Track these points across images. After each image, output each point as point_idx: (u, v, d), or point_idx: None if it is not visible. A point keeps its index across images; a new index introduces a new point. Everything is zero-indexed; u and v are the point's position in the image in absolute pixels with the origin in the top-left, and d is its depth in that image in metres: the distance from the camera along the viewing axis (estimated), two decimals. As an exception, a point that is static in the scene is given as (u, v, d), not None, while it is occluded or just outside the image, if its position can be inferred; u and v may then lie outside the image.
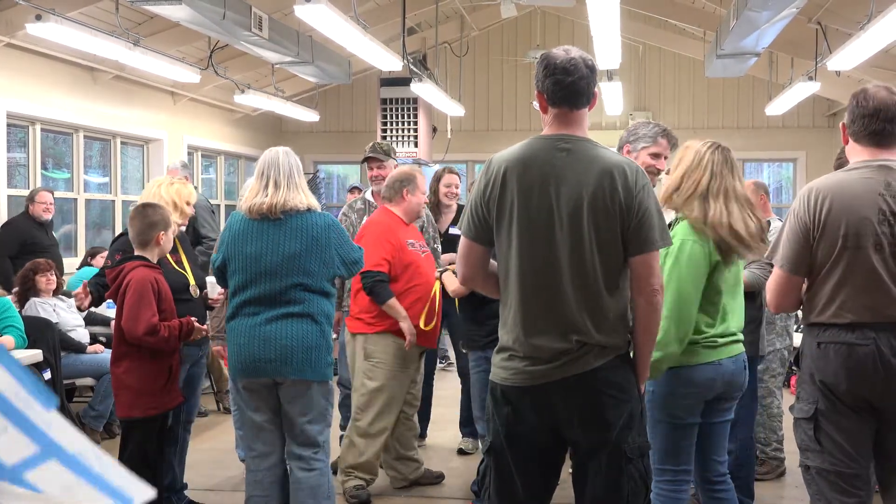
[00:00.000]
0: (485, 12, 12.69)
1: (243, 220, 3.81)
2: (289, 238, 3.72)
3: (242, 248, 3.76)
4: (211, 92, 11.30)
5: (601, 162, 2.67)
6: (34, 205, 7.45)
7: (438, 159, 13.28)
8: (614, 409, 2.66)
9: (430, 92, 10.20)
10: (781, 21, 6.87)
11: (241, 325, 3.76)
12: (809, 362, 2.90)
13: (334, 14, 6.50)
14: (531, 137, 2.79)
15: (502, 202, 2.70)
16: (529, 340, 2.67)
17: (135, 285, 3.98)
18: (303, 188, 3.83)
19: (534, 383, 2.67)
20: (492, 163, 2.77)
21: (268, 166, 3.82)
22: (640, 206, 2.65)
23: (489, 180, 2.73)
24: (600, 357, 2.65)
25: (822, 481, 2.88)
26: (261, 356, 3.70)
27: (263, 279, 3.72)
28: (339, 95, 13.93)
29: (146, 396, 4.04)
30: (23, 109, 8.44)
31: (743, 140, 13.05)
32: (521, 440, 2.75)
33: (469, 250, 2.81)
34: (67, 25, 6.75)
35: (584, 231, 2.63)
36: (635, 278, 2.70)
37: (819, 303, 2.86)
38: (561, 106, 2.72)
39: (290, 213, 3.74)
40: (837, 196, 2.82)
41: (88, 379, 6.21)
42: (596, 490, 2.72)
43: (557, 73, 2.69)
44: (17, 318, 5.51)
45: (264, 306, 3.72)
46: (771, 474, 5.29)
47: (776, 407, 5.31)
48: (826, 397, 2.85)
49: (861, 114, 2.87)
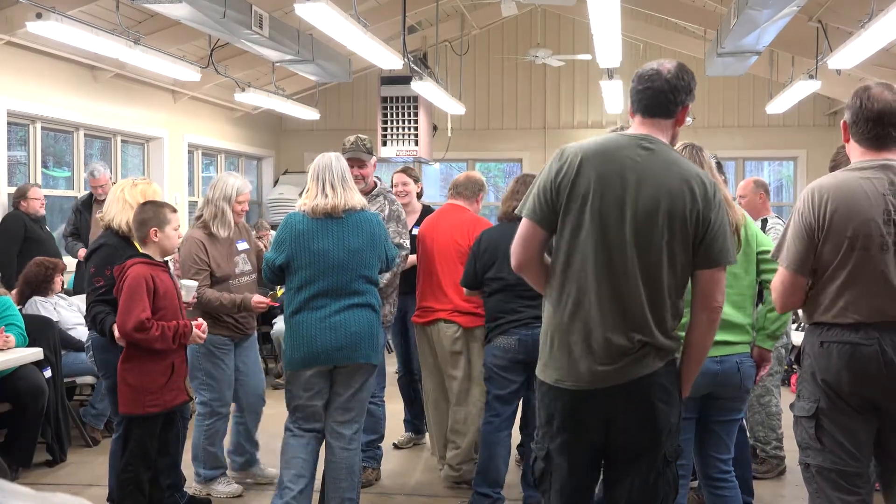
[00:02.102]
0: (485, 11, 12.68)
1: (305, 219, 4.11)
2: (352, 234, 4.09)
3: (309, 245, 4.06)
4: (211, 90, 11.30)
5: (683, 168, 2.70)
6: (28, 201, 7.44)
7: (439, 158, 13.28)
8: (666, 416, 2.69)
9: (431, 90, 10.20)
10: (782, 19, 6.86)
11: (309, 318, 4.05)
12: (812, 361, 2.89)
13: (335, 12, 6.50)
14: (610, 134, 2.83)
15: (574, 189, 2.67)
16: (591, 335, 2.65)
17: (129, 282, 4.00)
18: (355, 189, 4.19)
19: (593, 387, 2.66)
20: (566, 150, 2.74)
21: (322, 170, 4.16)
22: (715, 221, 2.67)
23: (563, 165, 2.70)
24: (658, 359, 2.66)
25: (823, 480, 2.88)
26: (332, 345, 4.03)
27: (331, 273, 4.05)
28: (340, 94, 13.92)
29: (146, 394, 4.04)
30: (23, 107, 8.43)
31: (743, 138, 13.04)
32: (579, 441, 2.75)
33: (532, 233, 2.76)
34: (68, 24, 6.75)
35: (657, 232, 2.63)
36: (700, 293, 2.71)
37: (823, 302, 2.86)
38: (644, 114, 2.77)
39: (349, 211, 4.11)
40: (842, 196, 2.81)
41: (89, 377, 6.21)
42: (633, 493, 2.74)
43: (646, 86, 2.76)
44: (18, 316, 5.51)
45: (331, 298, 4.05)
46: (771, 473, 5.29)
47: (775, 405, 5.31)
48: (828, 396, 2.85)
49: (865, 116, 2.86)
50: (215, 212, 4.85)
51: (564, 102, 13.68)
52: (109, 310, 4.27)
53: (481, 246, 4.65)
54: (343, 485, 4.13)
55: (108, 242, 4.43)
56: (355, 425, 4.16)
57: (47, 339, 5.68)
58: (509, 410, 4.61)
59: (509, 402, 4.60)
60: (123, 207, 4.43)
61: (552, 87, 13.69)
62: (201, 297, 4.69)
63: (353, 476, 4.15)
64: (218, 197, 4.86)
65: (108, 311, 4.28)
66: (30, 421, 5.34)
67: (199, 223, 4.90)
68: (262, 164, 14.28)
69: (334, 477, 4.15)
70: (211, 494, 4.93)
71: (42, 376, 5.50)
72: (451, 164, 14.72)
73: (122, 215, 4.43)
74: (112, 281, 4.27)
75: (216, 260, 4.82)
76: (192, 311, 4.58)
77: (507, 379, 4.54)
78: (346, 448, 4.13)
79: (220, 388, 4.90)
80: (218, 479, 4.98)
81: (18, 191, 7.66)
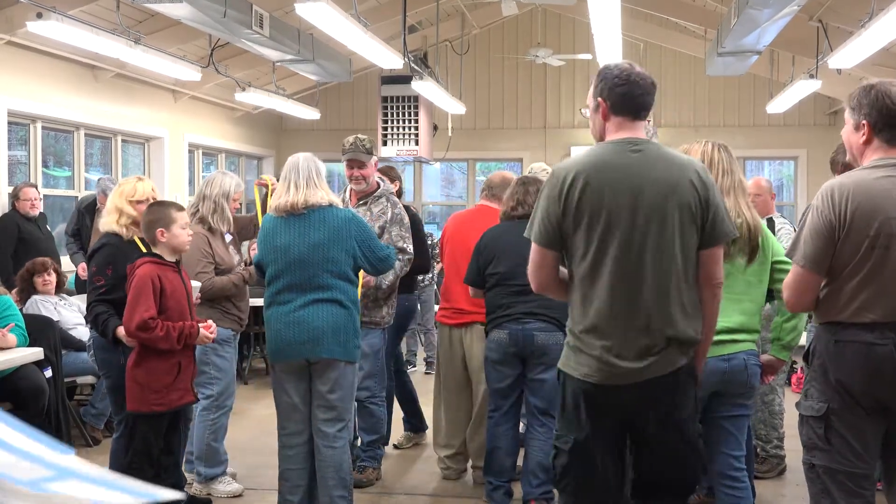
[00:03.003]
0: (486, 10, 12.68)
1: (272, 218, 4.22)
2: (313, 229, 4.11)
3: (273, 242, 4.17)
4: (212, 90, 11.30)
5: (676, 161, 2.84)
6: (19, 201, 7.45)
7: (439, 157, 13.28)
8: (688, 406, 2.87)
9: (431, 90, 10.20)
10: (782, 19, 6.86)
11: (276, 313, 4.15)
12: (824, 360, 2.86)
13: (335, 12, 6.50)
14: (596, 145, 2.91)
15: (580, 206, 2.78)
16: (616, 336, 2.76)
17: (135, 281, 4.02)
18: (323, 187, 4.21)
19: (620, 382, 2.77)
20: (560, 170, 2.85)
21: (289, 170, 4.22)
22: (713, 201, 2.82)
23: (562, 185, 2.80)
24: (682, 354, 2.80)
25: (829, 480, 2.85)
26: (294, 339, 4.09)
27: (293, 268, 4.11)
28: (340, 93, 13.92)
29: (152, 393, 4.06)
30: (24, 107, 8.43)
31: (744, 138, 13.03)
32: (603, 435, 2.86)
33: (544, 258, 2.88)
34: (68, 23, 6.75)
35: (669, 227, 2.76)
36: (703, 272, 2.85)
37: (839, 301, 2.82)
38: (626, 115, 2.86)
39: (312, 208, 4.12)
40: (864, 195, 2.79)
41: (89, 377, 6.21)
42: (660, 465, 2.91)
43: (627, 85, 2.84)
44: (19, 316, 5.51)
45: (295, 293, 4.10)
46: (771, 472, 5.29)
47: (778, 404, 5.31)
48: (840, 396, 2.81)
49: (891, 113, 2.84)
50: (214, 208, 4.99)
51: (565, 102, 13.68)
52: (112, 311, 4.28)
53: (482, 243, 4.73)
54: (330, 483, 4.17)
55: (109, 242, 4.44)
56: (339, 423, 4.17)
57: (48, 338, 5.68)
58: (507, 404, 4.68)
59: (506, 395, 4.67)
60: (111, 213, 4.51)
61: (552, 87, 13.69)
62: (214, 286, 4.83)
63: (340, 474, 4.16)
64: (217, 194, 5.01)
65: (111, 312, 4.28)
66: (30, 420, 5.31)
67: (195, 219, 4.95)
68: (263, 163, 14.28)
69: (322, 476, 4.19)
70: (211, 494, 4.93)
71: (42, 376, 5.50)
72: (452, 163, 14.72)
73: (114, 221, 4.48)
74: (113, 280, 4.29)
75: (219, 253, 4.96)
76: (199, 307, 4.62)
77: (502, 372, 4.63)
78: (330, 446, 4.15)
79: (228, 381, 5.00)
80: (219, 479, 4.99)
81: (13, 191, 7.67)
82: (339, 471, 4.16)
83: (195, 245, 4.81)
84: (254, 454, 5.77)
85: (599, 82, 2.90)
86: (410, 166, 14.25)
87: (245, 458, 5.61)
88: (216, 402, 4.93)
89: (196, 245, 4.82)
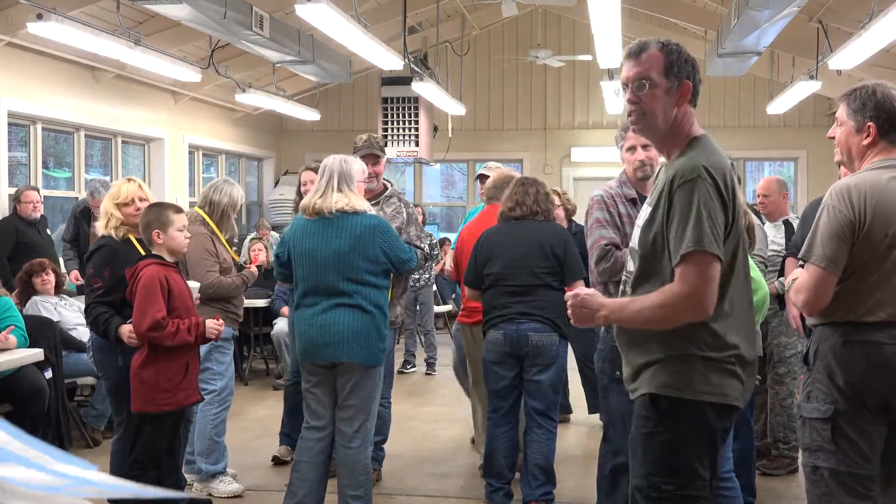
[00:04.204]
0: (486, 11, 12.69)
1: (302, 219, 4.28)
2: (336, 236, 4.17)
3: (300, 245, 4.23)
4: (212, 91, 11.30)
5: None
6: (21, 205, 7.45)
7: (439, 158, 13.29)
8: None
9: (431, 91, 10.20)
10: (783, 20, 6.87)
11: (302, 315, 4.25)
12: (830, 361, 2.82)
13: (335, 13, 6.50)
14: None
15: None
16: (752, 358, 2.65)
17: (143, 282, 4.04)
18: (353, 192, 4.24)
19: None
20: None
21: (325, 171, 4.27)
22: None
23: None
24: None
25: (835, 483, 2.81)
26: (318, 341, 4.17)
27: (318, 272, 4.19)
28: (340, 94, 13.93)
29: (161, 392, 4.07)
30: (24, 108, 8.44)
31: (744, 139, 13.04)
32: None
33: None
34: (68, 24, 6.76)
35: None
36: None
37: (851, 301, 2.80)
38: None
39: (339, 213, 4.18)
40: (880, 195, 2.78)
41: (89, 378, 6.21)
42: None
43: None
44: (19, 317, 5.51)
45: (321, 296, 4.19)
46: (781, 470, 5.31)
47: (796, 407, 5.29)
48: (847, 397, 2.78)
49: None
50: (221, 216, 5.14)
51: (565, 103, 13.68)
52: (112, 312, 4.28)
53: (480, 243, 4.74)
54: (344, 482, 4.21)
55: (107, 244, 4.45)
56: (356, 423, 4.21)
57: (48, 339, 5.68)
58: (505, 406, 4.66)
59: (504, 397, 4.65)
60: (103, 216, 4.54)
61: (553, 88, 13.70)
62: (222, 285, 4.93)
63: (354, 475, 4.19)
64: (226, 204, 5.16)
65: (111, 312, 4.29)
66: (30, 422, 5.34)
67: (198, 221, 5.00)
68: (263, 164, 14.29)
69: (339, 474, 4.26)
70: (212, 494, 4.94)
71: (43, 377, 5.50)
72: (452, 164, 14.73)
73: (104, 226, 4.49)
74: (111, 282, 4.29)
75: (221, 254, 5.05)
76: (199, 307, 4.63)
77: (499, 374, 4.62)
78: (346, 446, 4.20)
79: (228, 378, 5.10)
80: (219, 478, 5.00)
81: (15, 194, 7.67)
82: (352, 471, 4.20)
83: (200, 245, 4.89)
84: (254, 454, 5.78)
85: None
86: (411, 167, 14.26)
87: (245, 459, 5.62)
88: (218, 397, 5.00)
89: (200, 245, 4.89)
